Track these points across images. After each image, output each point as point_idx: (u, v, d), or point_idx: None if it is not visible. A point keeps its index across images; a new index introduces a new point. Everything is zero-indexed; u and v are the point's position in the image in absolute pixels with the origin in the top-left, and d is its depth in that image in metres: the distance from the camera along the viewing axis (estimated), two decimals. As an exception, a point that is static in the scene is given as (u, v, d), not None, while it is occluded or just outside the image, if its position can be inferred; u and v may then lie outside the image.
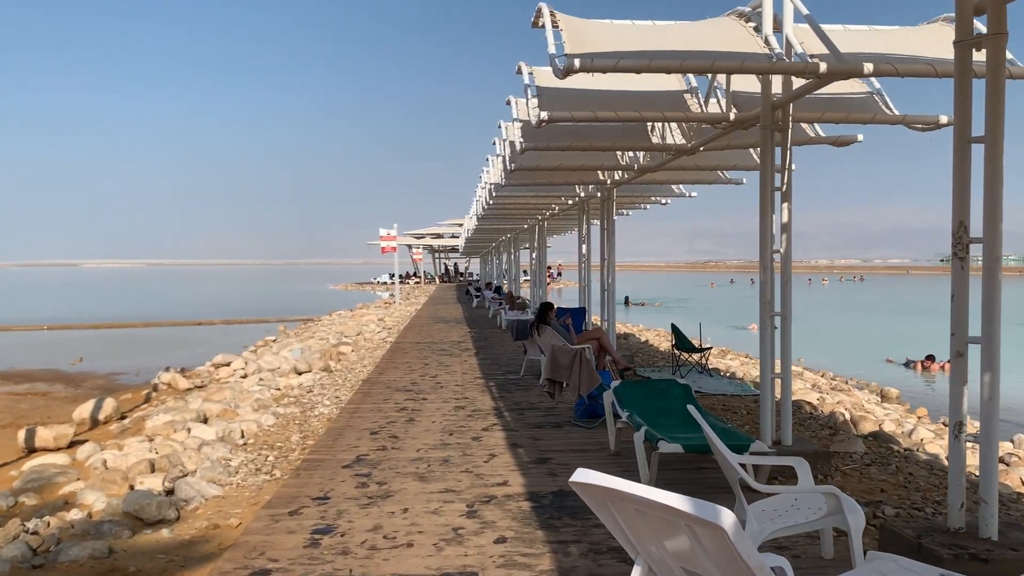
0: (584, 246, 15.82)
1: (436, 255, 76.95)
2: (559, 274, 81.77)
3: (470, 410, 9.20)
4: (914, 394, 14.43)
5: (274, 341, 22.44)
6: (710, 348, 12.33)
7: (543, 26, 6.25)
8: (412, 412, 9.06)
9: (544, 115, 6.90)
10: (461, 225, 52.00)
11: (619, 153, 11.57)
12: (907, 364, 19.31)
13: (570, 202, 16.54)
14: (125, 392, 13.17)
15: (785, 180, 6.61)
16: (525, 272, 46.87)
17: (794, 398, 10.73)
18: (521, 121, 9.44)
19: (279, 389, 11.42)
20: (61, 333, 29.43)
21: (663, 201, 16.74)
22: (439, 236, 68.13)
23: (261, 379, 12.16)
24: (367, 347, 17.41)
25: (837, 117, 7.27)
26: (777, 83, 6.69)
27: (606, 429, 7.86)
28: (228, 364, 13.89)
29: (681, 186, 15.06)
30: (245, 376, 12.91)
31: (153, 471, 6.73)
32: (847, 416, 9.17)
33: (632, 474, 6.20)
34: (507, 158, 11.39)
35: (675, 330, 12.28)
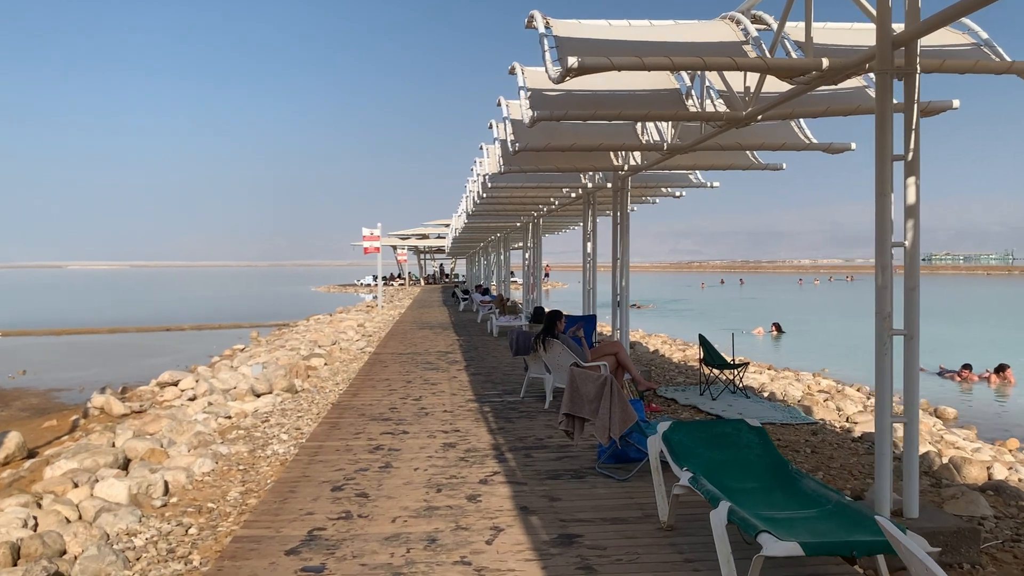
0: (590, 244, 13.88)
1: (421, 256, 74.85)
2: (546, 275, 79.86)
3: (463, 449, 7.25)
4: (966, 411, 12.58)
5: (242, 350, 20.39)
6: (746, 364, 10.43)
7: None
8: (389, 453, 7.10)
9: (573, 61, 4.96)
10: (447, 226, 49.96)
11: (639, 130, 9.68)
12: (941, 373, 17.50)
13: (573, 195, 14.61)
14: (52, 417, 11.11)
15: (912, 146, 4.71)
16: (513, 273, 44.93)
17: (860, 429, 8.85)
18: (529, 90, 7.52)
19: (229, 417, 9.42)
20: (15, 340, 27.16)
21: (677, 193, 14.89)
22: (425, 237, 66.04)
23: (210, 403, 10.13)
24: (343, 359, 15.40)
25: (962, 66, 5.39)
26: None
27: (644, 480, 6.01)
28: (176, 383, 11.83)
29: (698, 174, 13.20)
30: (194, 398, 10.87)
31: (16, 561, 4.73)
32: (941, 458, 7.29)
33: (706, 569, 4.28)
34: (508, 141, 9.42)
35: (704, 343, 10.37)
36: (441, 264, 78.53)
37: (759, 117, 6.96)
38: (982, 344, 23.74)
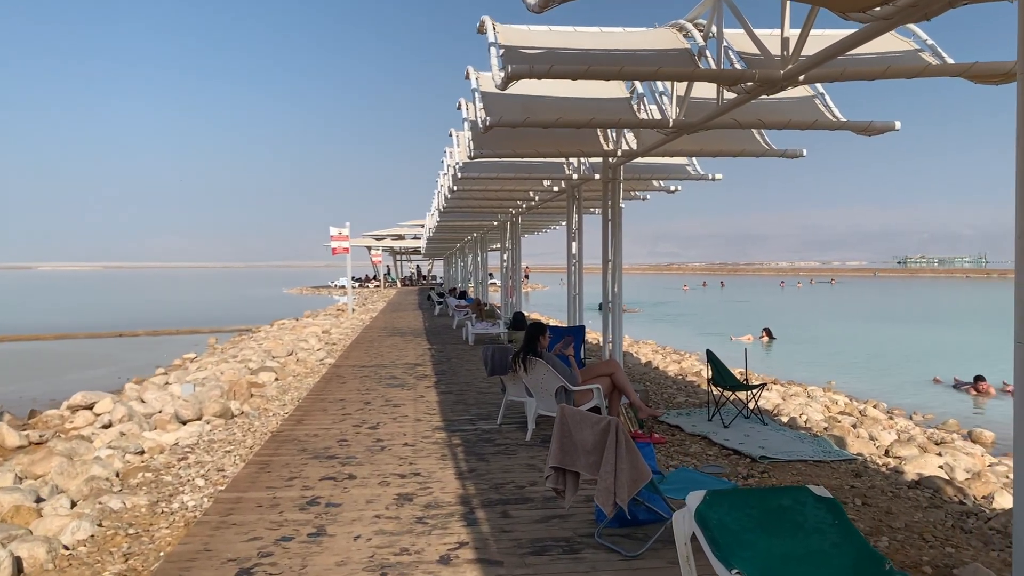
0: (575, 243, 12.31)
1: (397, 257, 72.97)
2: (526, 277, 78.30)
3: (421, 504, 5.64)
4: (1000, 432, 11.15)
5: (193, 360, 18.62)
6: (763, 386, 8.89)
7: None
8: (325, 511, 5.48)
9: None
10: (423, 226, 48.23)
11: (636, 107, 8.13)
12: (957, 386, 16.12)
13: (556, 188, 13.04)
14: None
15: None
16: (492, 275, 43.27)
17: (912, 470, 7.33)
18: (503, 47, 5.95)
19: (141, 453, 7.73)
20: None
21: (672, 188, 13.38)
22: (400, 237, 64.15)
23: (122, 433, 8.43)
24: (297, 373, 13.71)
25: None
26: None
27: (662, 557, 4.51)
28: (90, 407, 10.06)
29: (697, 164, 11.67)
30: (109, 425, 9.16)
31: None
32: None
33: None
34: (479, 119, 7.81)
35: (712, 360, 8.83)
36: (418, 265, 76.71)
37: (801, 78, 5.41)
38: (988, 352, 22.50)
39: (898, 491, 6.23)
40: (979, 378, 15.94)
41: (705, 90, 7.78)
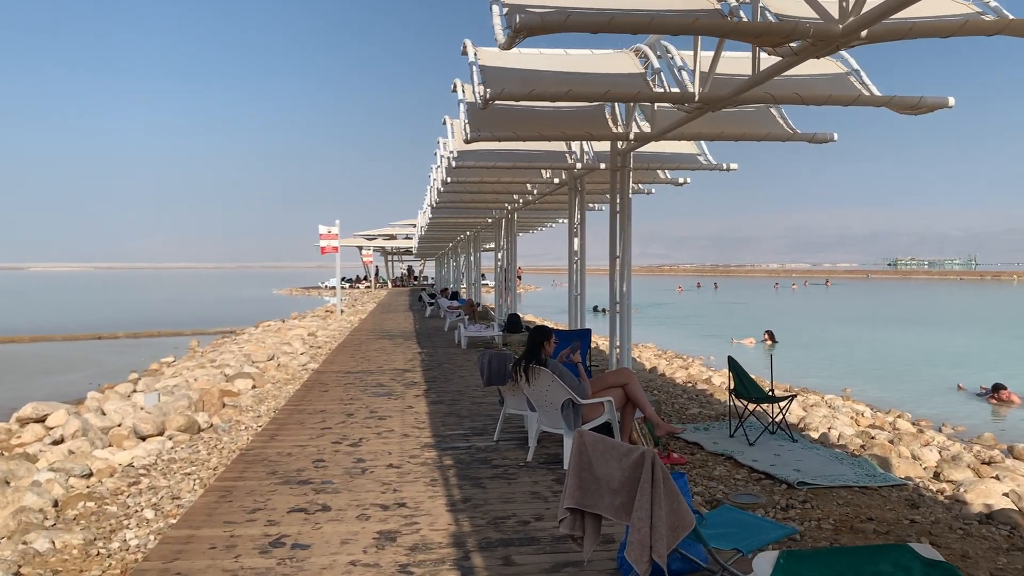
0: (577, 240, 11.38)
1: (389, 257, 71.91)
2: (519, 278, 77.18)
3: (407, 545, 4.70)
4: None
5: (171, 363, 17.62)
6: (792, 397, 7.97)
7: None
8: (291, 555, 4.53)
9: None
10: (415, 225, 47.21)
11: (652, 82, 7.21)
12: (983, 394, 15.23)
13: (556, 180, 12.10)
14: None
15: None
16: (484, 276, 42.31)
17: (976, 500, 6.42)
18: (506, 5, 5.01)
19: (88, 475, 6.76)
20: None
21: (681, 180, 12.46)
22: (392, 237, 63.07)
23: (71, 451, 7.46)
24: (277, 380, 12.72)
25: None
26: None
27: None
28: (42, 419, 9.05)
29: (708, 153, 10.75)
30: (60, 440, 8.18)
31: None
32: None
33: None
34: (478, 94, 6.85)
35: (735, 368, 7.89)
36: (409, 266, 75.63)
37: (863, 34, 4.49)
38: (1001, 357, 21.69)
39: (968, 527, 5.31)
40: (999, 386, 15.08)
41: (730, 66, 6.91)
